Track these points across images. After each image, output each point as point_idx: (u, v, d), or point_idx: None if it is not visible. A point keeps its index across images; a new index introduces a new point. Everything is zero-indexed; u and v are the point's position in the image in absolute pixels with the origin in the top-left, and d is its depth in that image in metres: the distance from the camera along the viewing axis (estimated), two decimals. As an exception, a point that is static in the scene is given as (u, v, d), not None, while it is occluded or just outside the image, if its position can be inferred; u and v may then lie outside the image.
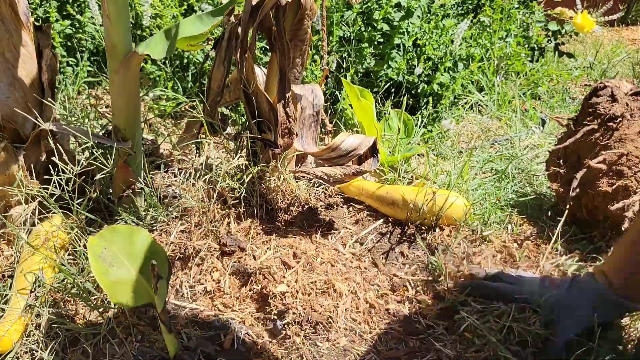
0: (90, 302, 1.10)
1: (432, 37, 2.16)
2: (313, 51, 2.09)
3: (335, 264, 1.32)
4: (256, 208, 1.42)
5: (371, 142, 1.45)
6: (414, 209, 1.44)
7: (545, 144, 2.00)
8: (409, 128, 1.85)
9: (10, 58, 1.26)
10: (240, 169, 1.49)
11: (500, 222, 1.50)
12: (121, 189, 1.36)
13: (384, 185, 1.57)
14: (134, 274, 0.99)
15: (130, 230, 1.05)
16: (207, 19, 1.27)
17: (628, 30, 4.17)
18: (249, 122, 1.44)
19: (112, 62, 1.25)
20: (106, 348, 1.03)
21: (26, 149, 1.30)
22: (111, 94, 1.34)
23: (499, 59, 2.52)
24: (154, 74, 2.13)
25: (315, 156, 1.54)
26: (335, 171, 1.44)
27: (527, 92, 2.49)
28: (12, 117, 1.28)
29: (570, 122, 1.53)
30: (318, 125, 1.52)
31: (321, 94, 1.50)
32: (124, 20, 1.22)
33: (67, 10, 2.11)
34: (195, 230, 1.32)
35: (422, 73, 2.14)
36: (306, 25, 1.41)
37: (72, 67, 2.11)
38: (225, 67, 1.44)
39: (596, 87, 1.47)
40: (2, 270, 1.22)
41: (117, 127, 1.32)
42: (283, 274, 1.23)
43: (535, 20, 2.69)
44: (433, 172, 1.67)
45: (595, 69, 2.95)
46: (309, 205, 1.48)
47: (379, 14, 2.07)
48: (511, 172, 1.76)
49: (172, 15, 2.10)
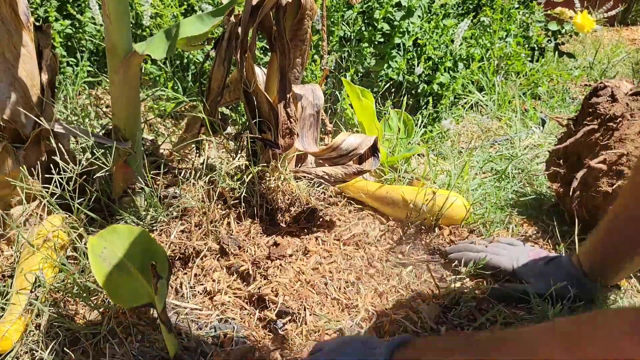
0: (90, 302, 1.10)
1: (432, 37, 2.16)
2: (313, 51, 2.09)
3: (335, 264, 1.32)
4: (256, 208, 1.42)
5: (371, 142, 1.45)
6: (413, 209, 1.44)
7: (545, 144, 2.00)
8: (409, 128, 1.85)
9: (10, 58, 1.26)
10: (241, 169, 1.49)
11: (501, 222, 1.50)
12: (121, 189, 1.36)
13: (384, 185, 1.57)
14: (134, 274, 0.99)
15: (130, 230, 1.05)
16: (207, 19, 1.27)
17: (628, 30, 4.17)
18: (249, 122, 1.44)
19: (112, 62, 1.25)
20: (106, 348, 1.03)
21: (26, 149, 1.30)
22: (111, 94, 1.34)
23: (499, 59, 2.52)
24: (153, 74, 2.13)
25: (316, 156, 1.54)
26: (336, 171, 1.44)
27: (527, 92, 2.49)
28: (12, 117, 1.28)
29: (570, 122, 1.53)
30: (318, 125, 1.52)
31: (321, 93, 1.50)
32: (124, 20, 1.22)
33: (68, 10, 2.11)
34: (195, 230, 1.32)
35: (422, 73, 2.14)
36: (306, 25, 1.41)
37: (72, 67, 2.11)
38: (226, 67, 1.44)
39: (596, 87, 1.47)
40: (2, 270, 1.22)
41: (117, 127, 1.32)
42: (283, 273, 1.23)
43: (535, 20, 2.69)
44: (433, 172, 1.67)
45: (595, 69, 2.95)
46: (310, 205, 1.48)
47: (379, 13, 2.07)
48: (511, 172, 1.76)
49: (172, 14, 2.10)
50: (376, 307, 1.21)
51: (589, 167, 1.36)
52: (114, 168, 1.34)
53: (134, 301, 0.96)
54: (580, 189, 1.39)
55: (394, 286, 1.28)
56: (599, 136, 1.40)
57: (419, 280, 1.29)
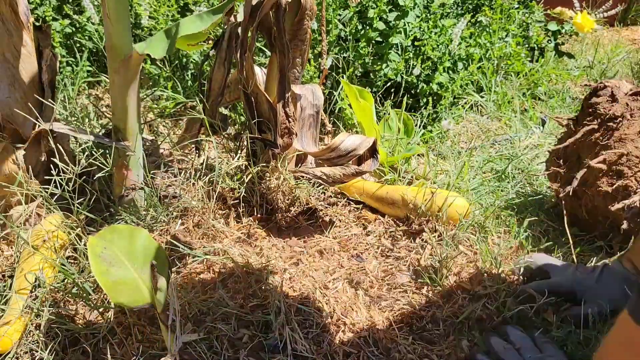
0: (90, 302, 1.10)
1: (431, 37, 2.16)
2: (313, 51, 2.09)
3: (335, 263, 1.32)
4: (256, 208, 1.42)
5: (371, 143, 1.45)
6: (413, 209, 1.44)
7: (545, 144, 2.00)
8: (409, 128, 1.85)
9: (10, 58, 1.26)
10: (240, 169, 1.49)
11: (501, 222, 1.50)
12: (121, 188, 1.36)
13: (384, 185, 1.57)
14: (134, 274, 0.99)
15: (130, 230, 1.05)
16: (206, 17, 1.27)
17: (628, 30, 4.17)
18: (249, 122, 1.44)
19: (112, 62, 1.25)
20: (106, 348, 1.03)
21: (26, 149, 1.30)
22: (111, 94, 1.34)
23: (499, 59, 2.52)
24: (153, 74, 2.13)
25: (315, 156, 1.55)
26: (335, 171, 1.44)
27: (526, 92, 2.49)
28: (12, 117, 1.28)
29: (570, 122, 1.53)
30: (318, 125, 1.52)
31: (321, 94, 1.50)
32: (124, 20, 1.22)
33: (66, 10, 2.11)
34: (195, 230, 1.32)
35: (421, 73, 2.14)
36: (306, 25, 1.41)
37: (72, 67, 2.11)
38: (226, 67, 1.44)
39: (596, 87, 1.47)
40: (2, 270, 1.22)
41: (117, 127, 1.32)
42: (282, 273, 1.23)
43: (534, 20, 2.68)
44: (433, 172, 1.67)
45: (595, 69, 2.95)
46: (309, 205, 1.48)
47: (374, 12, 2.07)
48: (511, 172, 1.76)
49: (168, 14, 2.10)
50: (374, 307, 1.21)
51: (589, 167, 1.36)
52: (114, 168, 1.34)
53: (134, 301, 0.96)
54: (580, 189, 1.39)
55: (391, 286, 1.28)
56: (599, 136, 1.40)
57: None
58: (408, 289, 1.27)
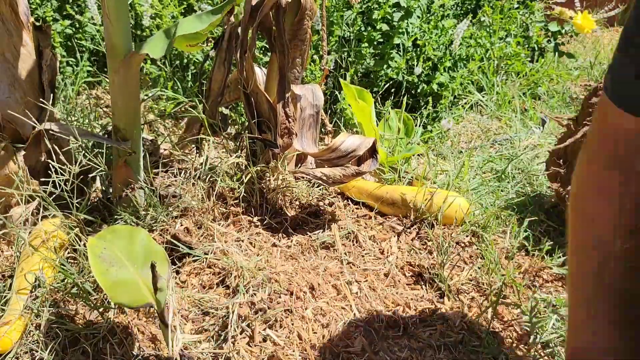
0: (90, 302, 1.10)
1: (431, 37, 2.16)
2: (313, 51, 2.09)
3: (334, 263, 1.31)
4: (256, 208, 1.42)
5: (370, 143, 1.45)
6: (413, 209, 1.44)
7: (545, 144, 2.00)
8: (409, 128, 1.85)
9: (10, 58, 1.26)
10: (240, 168, 1.49)
11: (501, 222, 1.50)
12: (121, 188, 1.36)
13: (384, 185, 1.57)
14: (134, 274, 0.99)
15: (130, 230, 1.05)
16: (206, 17, 1.27)
17: (628, 31, 4.16)
18: (249, 122, 1.44)
19: (112, 62, 1.25)
20: (106, 348, 1.03)
21: (26, 149, 1.30)
22: (111, 94, 1.34)
23: (499, 59, 2.52)
24: (153, 74, 2.13)
25: (315, 157, 1.54)
26: (335, 172, 1.44)
27: (527, 92, 2.49)
28: (12, 117, 1.28)
29: (570, 122, 1.53)
30: (318, 125, 1.52)
31: (321, 94, 1.50)
32: (124, 20, 1.22)
33: (67, 11, 2.11)
34: (195, 230, 1.32)
35: (421, 73, 2.14)
36: (306, 25, 1.41)
37: (72, 67, 2.11)
38: (226, 67, 1.44)
39: (596, 87, 1.47)
40: (2, 270, 1.22)
41: (117, 127, 1.32)
42: (281, 273, 1.23)
43: (535, 21, 2.69)
44: (433, 172, 1.67)
45: (595, 69, 2.95)
46: (309, 205, 1.48)
47: (378, 14, 2.07)
48: (511, 172, 1.76)
49: (171, 14, 2.10)
50: (373, 307, 1.21)
51: (589, 167, 1.36)
52: (114, 168, 1.34)
53: (134, 301, 0.96)
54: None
55: (391, 286, 1.28)
56: (599, 136, 1.40)
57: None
58: (408, 288, 1.27)
